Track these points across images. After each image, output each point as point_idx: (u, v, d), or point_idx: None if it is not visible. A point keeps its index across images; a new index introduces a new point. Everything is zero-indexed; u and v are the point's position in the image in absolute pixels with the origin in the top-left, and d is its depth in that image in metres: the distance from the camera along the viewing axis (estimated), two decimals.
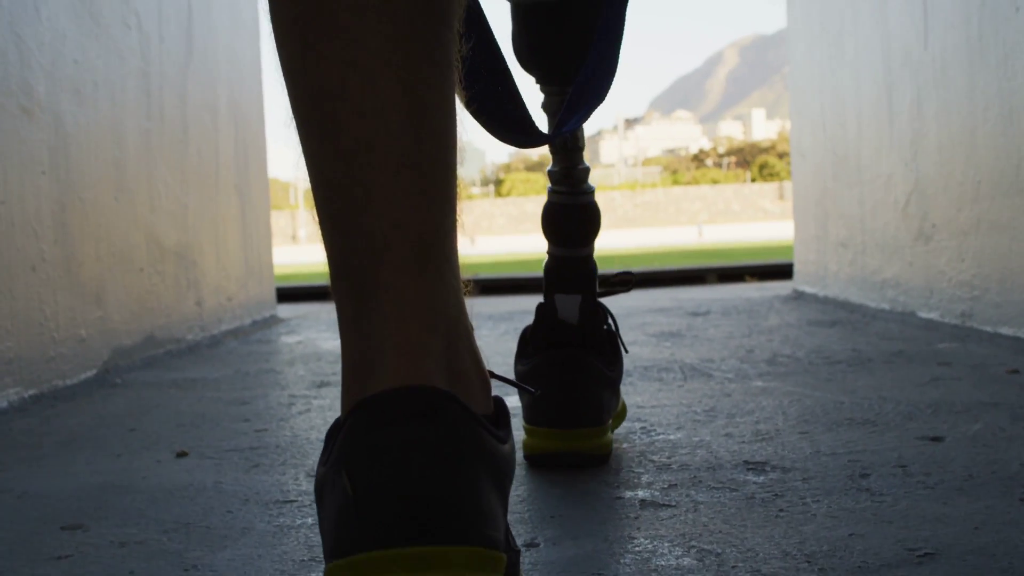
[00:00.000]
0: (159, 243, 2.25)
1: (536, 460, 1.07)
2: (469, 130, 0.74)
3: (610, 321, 1.16)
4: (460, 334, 0.54)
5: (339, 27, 0.50)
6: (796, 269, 3.19)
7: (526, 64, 1.08)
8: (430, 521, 0.46)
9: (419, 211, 0.52)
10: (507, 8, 1.08)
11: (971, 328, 1.94)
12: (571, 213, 1.11)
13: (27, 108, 1.69)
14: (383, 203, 0.51)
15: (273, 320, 3.12)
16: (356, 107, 0.50)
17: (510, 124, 0.91)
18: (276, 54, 0.54)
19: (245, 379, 1.89)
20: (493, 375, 0.61)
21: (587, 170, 1.15)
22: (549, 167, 1.15)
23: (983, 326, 1.90)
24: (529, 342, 1.14)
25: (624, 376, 1.69)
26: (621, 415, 1.20)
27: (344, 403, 0.52)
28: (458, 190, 0.56)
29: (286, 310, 3.71)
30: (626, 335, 2.33)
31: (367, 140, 0.51)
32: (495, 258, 14.19)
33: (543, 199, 1.16)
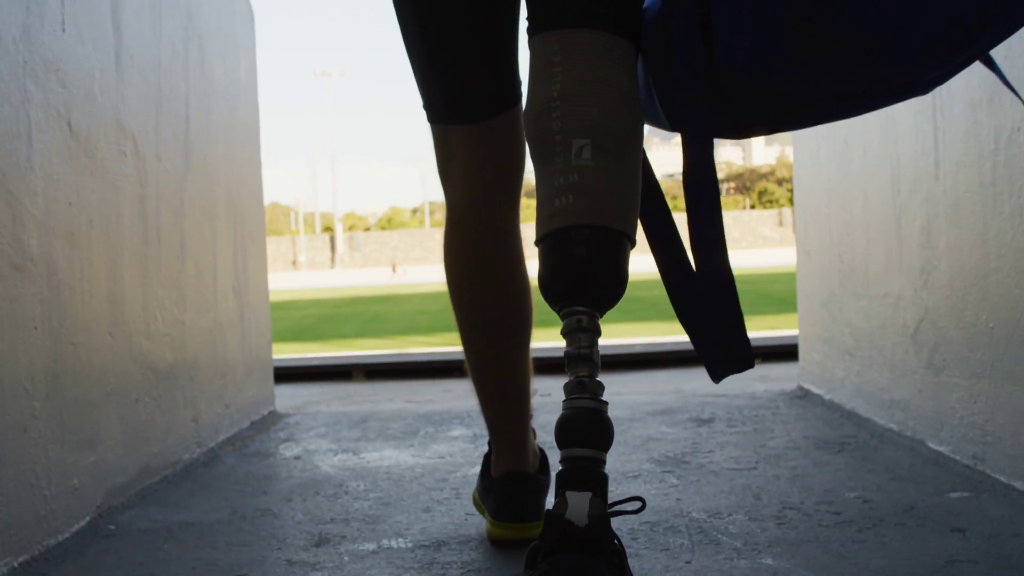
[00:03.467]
0: (154, 369, 2.21)
1: None
2: None
3: (617, 542, 1.12)
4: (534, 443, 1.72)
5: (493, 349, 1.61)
6: (800, 366, 3.15)
7: (555, 292, 1.17)
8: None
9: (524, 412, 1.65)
10: None
11: (984, 474, 1.90)
12: (596, 417, 1.12)
13: (19, 265, 1.65)
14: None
15: (272, 419, 3.07)
16: (491, 369, 1.63)
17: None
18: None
19: (241, 527, 1.84)
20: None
21: (603, 385, 1.15)
22: (565, 381, 1.15)
23: (996, 474, 1.86)
24: (538, 551, 1.10)
25: (631, 536, 1.65)
26: None
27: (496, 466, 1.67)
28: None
29: (284, 395, 3.67)
30: (630, 457, 2.29)
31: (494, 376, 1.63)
32: None
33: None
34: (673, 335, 8.43)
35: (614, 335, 7.88)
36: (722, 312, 1.21)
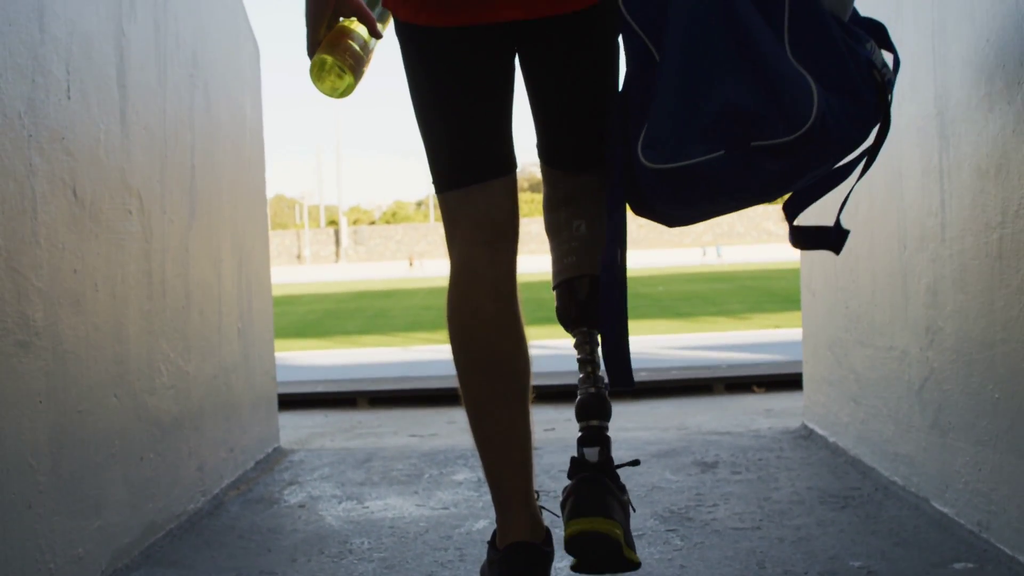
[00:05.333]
0: (159, 424, 2.21)
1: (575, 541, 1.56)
2: None
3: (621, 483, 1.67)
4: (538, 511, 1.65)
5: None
6: (805, 404, 3.15)
7: (570, 316, 1.71)
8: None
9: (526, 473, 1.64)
10: None
11: (989, 543, 1.89)
12: (599, 399, 1.64)
13: (24, 342, 1.65)
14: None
15: (276, 456, 3.07)
16: (489, 414, 1.65)
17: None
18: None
19: None
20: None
21: (603, 377, 1.64)
22: (579, 376, 1.67)
23: (1001, 544, 1.85)
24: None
25: None
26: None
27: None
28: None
29: (289, 425, 3.67)
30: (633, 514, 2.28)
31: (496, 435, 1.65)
32: None
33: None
34: (673, 333, 8.45)
35: None
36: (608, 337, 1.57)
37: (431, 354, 8.37)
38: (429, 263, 44.53)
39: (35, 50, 1.72)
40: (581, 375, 1.65)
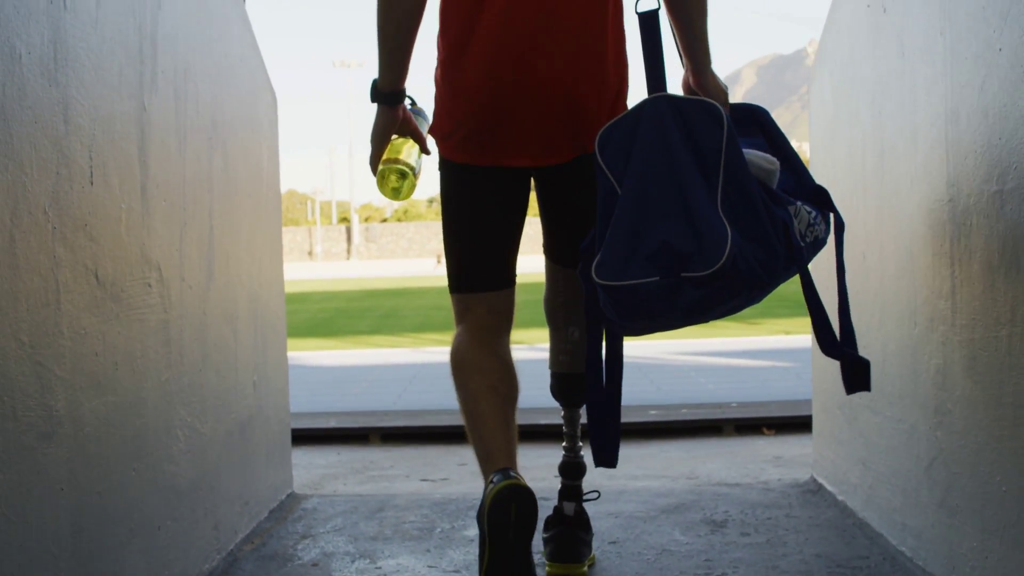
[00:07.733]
0: (176, 490, 2.24)
1: None
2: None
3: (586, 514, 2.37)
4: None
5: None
6: (815, 458, 3.17)
7: (557, 397, 2.36)
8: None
9: (510, 441, 1.98)
10: None
11: None
12: (575, 465, 2.35)
13: (46, 433, 1.68)
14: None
15: (290, 503, 3.11)
16: (484, 411, 2.02)
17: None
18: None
19: None
20: None
21: (579, 444, 2.34)
22: (562, 444, 2.38)
23: None
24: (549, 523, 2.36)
25: None
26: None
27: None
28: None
29: (301, 463, 3.70)
30: None
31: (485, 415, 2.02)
32: None
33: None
34: (683, 338, 8.47)
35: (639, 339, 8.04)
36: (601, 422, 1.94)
37: (441, 356, 8.47)
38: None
39: (59, 143, 1.75)
40: (564, 442, 2.34)
